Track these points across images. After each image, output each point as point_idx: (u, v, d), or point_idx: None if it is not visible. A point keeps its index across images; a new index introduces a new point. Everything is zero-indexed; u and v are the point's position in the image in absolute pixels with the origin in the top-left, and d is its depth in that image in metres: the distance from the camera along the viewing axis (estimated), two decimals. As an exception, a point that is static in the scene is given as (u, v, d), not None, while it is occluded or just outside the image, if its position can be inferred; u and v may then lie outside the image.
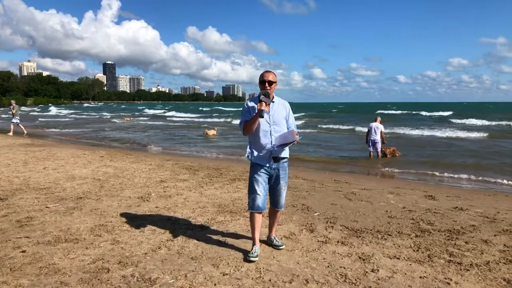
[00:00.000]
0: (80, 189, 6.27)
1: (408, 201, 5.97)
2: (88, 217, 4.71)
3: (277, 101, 3.54)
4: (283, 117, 3.52)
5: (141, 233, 4.16)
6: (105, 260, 3.43)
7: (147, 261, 3.43)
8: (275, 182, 3.56)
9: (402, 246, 3.88)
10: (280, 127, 3.48)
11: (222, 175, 7.81)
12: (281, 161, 3.52)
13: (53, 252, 3.60)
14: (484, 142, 18.28)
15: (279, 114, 3.49)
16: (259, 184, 3.48)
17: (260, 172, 3.49)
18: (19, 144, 13.43)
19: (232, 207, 5.25)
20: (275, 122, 3.46)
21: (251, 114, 3.41)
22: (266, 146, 3.44)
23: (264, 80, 3.39)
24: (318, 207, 5.42)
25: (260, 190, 3.48)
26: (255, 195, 3.49)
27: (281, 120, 3.50)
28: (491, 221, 4.86)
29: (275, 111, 3.48)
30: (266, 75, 3.41)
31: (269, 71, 3.45)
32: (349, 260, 3.51)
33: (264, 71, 3.47)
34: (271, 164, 3.48)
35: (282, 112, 3.53)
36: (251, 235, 3.67)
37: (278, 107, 3.51)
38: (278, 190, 3.58)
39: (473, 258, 3.58)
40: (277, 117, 3.48)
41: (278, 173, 3.53)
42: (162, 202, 5.50)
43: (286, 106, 3.58)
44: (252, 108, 3.44)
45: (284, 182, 3.59)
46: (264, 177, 3.50)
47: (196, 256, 3.55)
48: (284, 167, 3.57)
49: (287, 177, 3.65)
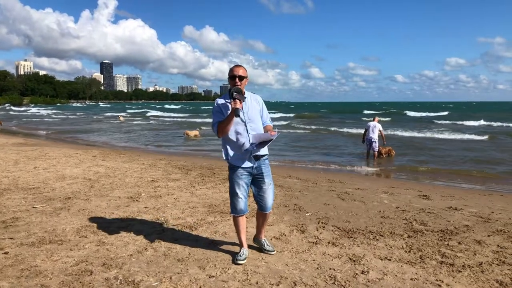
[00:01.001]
0: (70, 189, 6.17)
1: (402, 201, 5.90)
2: (75, 218, 4.61)
3: (249, 96, 3.30)
4: (257, 113, 3.31)
5: (128, 234, 4.07)
6: (89, 262, 3.33)
7: (132, 263, 3.33)
8: (259, 182, 3.33)
9: (394, 247, 3.81)
10: (255, 123, 3.26)
11: (215, 175, 7.73)
12: (261, 158, 3.31)
13: (36, 254, 3.51)
14: (481, 143, 18.27)
15: (253, 110, 3.27)
16: (240, 187, 3.28)
17: (240, 174, 3.27)
18: (11, 143, 13.30)
19: (223, 207, 5.16)
20: (250, 119, 3.23)
21: (223, 113, 3.18)
22: (244, 145, 3.20)
23: (234, 75, 3.15)
24: (311, 207, 5.34)
25: (242, 193, 3.29)
26: (236, 199, 3.30)
27: (256, 116, 3.29)
28: (485, 221, 4.79)
29: (249, 107, 3.25)
30: (236, 69, 3.17)
31: (239, 65, 3.21)
32: (339, 261, 3.43)
33: (234, 66, 3.23)
34: (253, 163, 3.27)
35: (256, 108, 3.31)
36: (237, 238, 3.55)
37: (251, 103, 3.28)
38: (264, 190, 3.34)
39: (465, 259, 3.50)
40: (251, 114, 3.25)
41: (261, 171, 3.31)
42: (151, 202, 5.41)
43: (259, 100, 3.37)
44: (223, 107, 3.21)
45: (270, 180, 3.37)
46: (245, 179, 3.29)
47: (182, 258, 3.46)
48: (266, 164, 3.36)
49: (271, 174, 3.44)
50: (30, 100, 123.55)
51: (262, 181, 3.34)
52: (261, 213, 3.47)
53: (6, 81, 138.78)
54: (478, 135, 20.14)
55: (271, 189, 3.39)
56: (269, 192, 3.37)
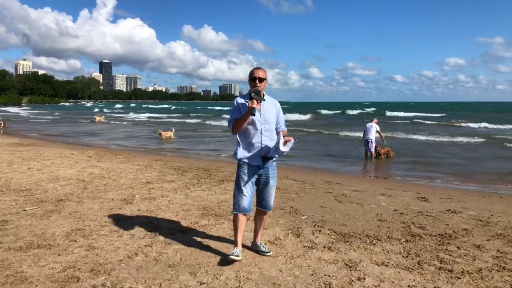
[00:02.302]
0: (62, 190, 6.07)
1: (399, 203, 5.81)
2: (65, 221, 4.50)
3: (268, 99, 3.43)
4: (273, 115, 3.42)
5: (118, 238, 3.97)
6: (77, 268, 3.23)
7: (121, 269, 3.23)
8: (264, 182, 3.43)
9: (391, 251, 3.71)
10: (270, 126, 3.38)
11: (211, 176, 7.63)
12: (270, 160, 3.42)
13: (23, 259, 3.40)
14: (479, 143, 18.19)
15: (269, 113, 3.38)
16: (247, 185, 3.36)
17: (248, 171, 3.36)
18: (7, 143, 13.19)
19: (218, 210, 5.06)
20: (266, 121, 3.35)
21: (240, 112, 3.29)
22: (256, 145, 3.32)
23: (254, 77, 3.29)
24: (307, 209, 5.25)
25: (247, 191, 3.35)
26: (241, 196, 3.36)
27: (272, 119, 3.40)
28: (484, 225, 4.70)
29: (266, 109, 3.36)
30: (257, 72, 3.31)
31: (260, 68, 3.36)
32: (334, 267, 3.34)
33: (254, 68, 3.37)
34: (260, 164, 3.37)
35: (273, 111, 3.42)
36: (233, 238, 3.51)
37: (269, 106, 3.40)
38: (267, 190, 3.45)
39: (464, 265, 3.41)
40: (268, 116, 3.36)
41: (267, 172, 3.41)
42: (145, 205, 5.31)
43: (276, 105, 3.48)
44: (241, 106, 3.32)
45: (274, 182, 3.48)
46: (253, 178, 3.38)
47: (173, 264, 3.36)
48: (273, 166, 3.47)
49: (276, 176, 3.52)
50: (29, 99, 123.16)
51: (267, 182, 3.43)
52: (261, 211, 3.54)
53: (5, 81, 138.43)
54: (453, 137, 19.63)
55: (273, 191, 3.50)
56: (272, 192, 3.48)
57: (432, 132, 22.93)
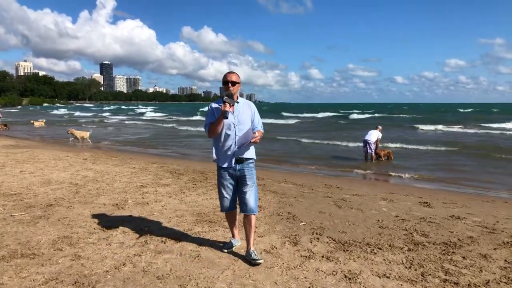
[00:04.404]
0: (53, 195, 5.87)
1: (401, 208, 5.61)
2: (53, 228, 4.31)
3: (242, 101, 3.49)
4: (248, 117, 3.46)
5: (107, 247, 3.78)
6: (59, 280, 3.04)
7: (106, 281, 3.05)
8: (241, 184, 3.47)
9: (393, 262, 3.52)
10: (245, 126, 3.40)
11: (207, 180, 7.44)
12: (245, 162, 3.44)
13: (4, 270, 3.22)
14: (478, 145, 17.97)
15: (244, 115, 3.44)
16: (225, 187, 3.50)
17: (224, 175, 3.48)
18: (1, 145, 13.00)
19: (212, 216, 4.87)
20: (240, 122, 3.40)
21: (215, 116, 3.38)
22: (229, 147, 3.40)
23: (227, 81, 3.37)
24: (305, 215, 5.05)
25: (227, 193, 3.51)
26: (223, 198, 3.55)
27: (246, 120, 3.44)
28: (490, 232, 4.50)
29: (240, 111, 3.43)
30: (229, 75, 3.38)
31: (232, 72, 3.43)
32: (333, 279, 3.14)
33: (227, 72, 3.45)
34: (234, 166, 3.42)
35: (247, 112, 3.47)
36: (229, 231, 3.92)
37: (242, 108, 3.46)
38: (245, 192, 3.44)
39: (471, 277, 3.22)
40: (241, 118, 3.42)
41: (243, 174, 3.44)
42: (137, 210, 5.12)
43: (251, 106, 3.53)
44: (216, 110, 3.40)
45: (252, 183, 3.47)
46: (229, 180, 3.48)
47: (163, 275, 3.17)
48: (249, 167, 3.48)
49: (255, 177, 3.52)
50: (29, 100, 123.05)
51: (244, 183, 3.45)
52: (245, 215, 3.51)
53: (5, 82, 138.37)
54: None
55: (252, 192, 3.46)
56: (250, 194, 3.45)
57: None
